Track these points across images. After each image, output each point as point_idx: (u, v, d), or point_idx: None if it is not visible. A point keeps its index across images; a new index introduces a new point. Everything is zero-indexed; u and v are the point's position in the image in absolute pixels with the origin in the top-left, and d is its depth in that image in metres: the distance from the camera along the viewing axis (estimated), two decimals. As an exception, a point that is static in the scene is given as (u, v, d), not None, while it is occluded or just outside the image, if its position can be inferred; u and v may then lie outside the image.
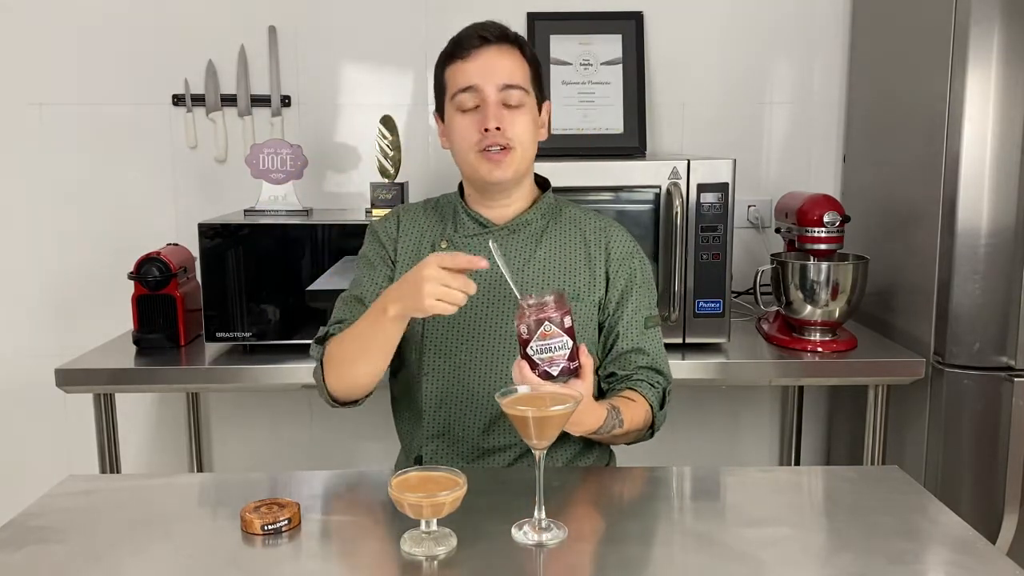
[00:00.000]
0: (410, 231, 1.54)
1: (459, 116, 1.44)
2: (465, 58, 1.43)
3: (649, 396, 1.47)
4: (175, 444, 2.61)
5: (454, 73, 1.44)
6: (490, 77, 1.41)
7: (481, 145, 1.42)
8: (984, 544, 1.15)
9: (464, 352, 1.47)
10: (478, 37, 1.43)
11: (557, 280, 1.49)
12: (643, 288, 1.53)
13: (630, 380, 1.49)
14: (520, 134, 1.43)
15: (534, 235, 1.51)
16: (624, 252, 1.52)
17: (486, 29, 1.44)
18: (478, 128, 1.41)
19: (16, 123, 2.44)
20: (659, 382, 1.50)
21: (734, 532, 1.19)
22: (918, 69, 2.09)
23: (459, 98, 1.43)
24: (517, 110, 1.43)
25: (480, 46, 1.43)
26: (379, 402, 1.51)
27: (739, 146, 2.48)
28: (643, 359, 1.50)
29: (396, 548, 1.13)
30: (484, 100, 1.41)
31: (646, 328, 1.52)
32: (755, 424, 2.67)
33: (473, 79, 1.42)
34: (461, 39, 1.45)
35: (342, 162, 2.49)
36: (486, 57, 1.42)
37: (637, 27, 2.42)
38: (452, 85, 1.44)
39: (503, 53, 1.44)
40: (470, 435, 1.48)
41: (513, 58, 1.45)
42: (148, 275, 2.04)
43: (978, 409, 1.96)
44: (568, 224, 1.54)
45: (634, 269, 1.52)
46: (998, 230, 1.92)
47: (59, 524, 1.22)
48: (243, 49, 2.42)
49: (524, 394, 1.18)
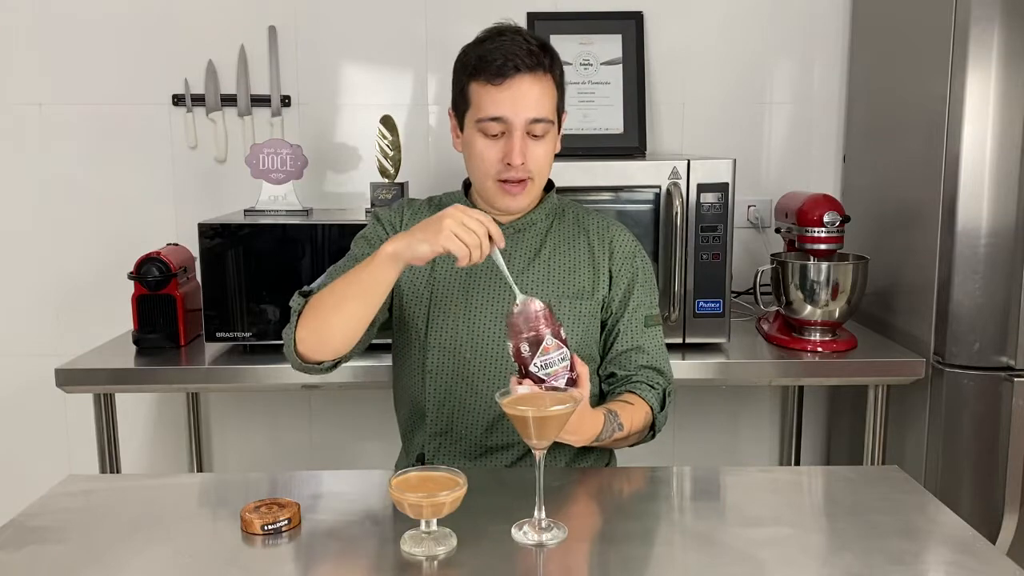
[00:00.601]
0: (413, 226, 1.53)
1: (481, 139, 1.40)
2: (496, 85, 1.37)
3: (648, 398, 1.47)
4: (175, 444, 2.61)
5: (481, 96, 1.39)
6: (520, 110, 1.37)
7: (501, 176, 1.40)
8: (984, 544, 1.15)
9: (468, 350, 1.46)
10: (511, 64, 1.36)
11: (561, 279, 1.49)
12: (645, 287, 1.53)
13: (630, 381, 1.49)
14: (541, 165, 1.42)
15: (539, 235, 1.51)
16: (627, 251, 1.53)
17: (519, 55, 1.36)
18: (500, 158, 1.39)
19: (16, 123, 2.44)
20: (659, 383, 1.50)
21: (734, 532, 1.19)
22: (918, 69, 2.09)
23: (485, 124, 1.39)
24: (540, 139, 1.41)
25: (513, 75, 1.36)
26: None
27: (739, 146, 2.48)
28: (643, 358, 1.50)
29: (396, 548, 1.13)
30: (510, 131, 1.38)
31: (646, 327, 1.52)
32: (755, 424, 2.67)
33: (503, 110, 1.37)
34: (492, 59, 1.37)
35: (342, 162, 2.49)
36: (517, 87, 1.37)
37: (637, 27, 2.42)
38: (478, 108, 1.39)
39: (535, 82, 1.38)
40: (473, 433, 1.48)
41: (544, 87, 1.40)
42: (148, 275, 2.04)
43: (978, 409, 1.96)
44: (572, 224, 1.54)
45: (636, 268, 1.53)
46: (998, 230, 1.92)
47: (59, 524, 1.22)
48: (243, 49, 2.42)
49: (524, 394, 1.18)
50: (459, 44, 1.46)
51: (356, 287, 1.33)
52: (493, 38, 1.39)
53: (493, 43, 1.38)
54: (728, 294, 2.04)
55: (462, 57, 1.43)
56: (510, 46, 1.37)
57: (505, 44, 1.37)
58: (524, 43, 1.37)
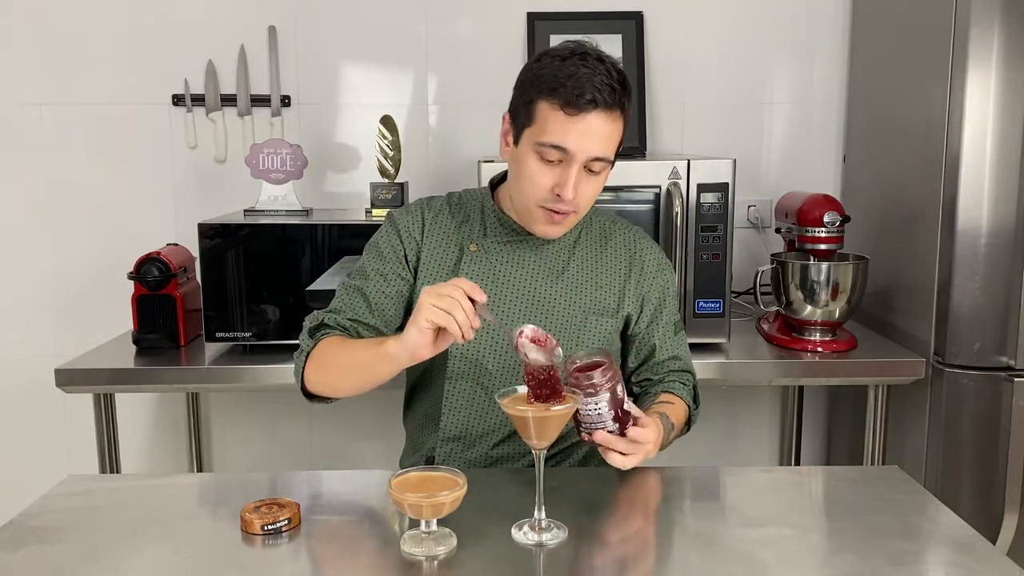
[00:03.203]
0: (435, 233, 1.48)
1: (536, 161, 1.34)
2: (569, 114, 1.29)
3: (683, 395, 1.51)
4: (175, 444, 2.61)
5: (549, 119, 1.31)
6: (586, 147, 1.31)
7: (547, 203, 1.35)
8: (984, 544, 1.15)
9: (493, 361, 1.45)
10: (590, 98, 1.29)
11: (587, 296, 1.48)
12: (673, 298, 1.55)
13: (663, 383, 1.52)
14: (589, 200, 1.38)
15: (565, 248, 1.49)
16: (657, 266, 1.53)
17: (602, 90, 1.29)
18: (552, 187, 1.33)
19: (16, 123, 2.44)
20: (688, 380, 1.54)
21: (734, 532, 1.19)
22: (918, 69, 2.09)
23: (545, 150, 1.32)
24: (596, 176, 1.35)
25: (590, 109, 1.29)
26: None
27: (739, 146, 2.48)
28: (677, 364, 1.54)
29: (396, 548, 1.13)
30: (568, 162, 1.32)
31: (675, 334, 1.54)
32: (755, 424, 2.67)
33: (569, 142, 1.30)
34: (572, 87, 1.29)
35: (342, 162, 2.49)
36: (591, 122, 1.30)
37: (637, 27, 2.42)
38: (542, 131, 1.32)
39: (608, 121, 1.31)
40: (487, 442, 1.48)
41: (614, 127, 1.33)
42: (148, 275, 2.04)
43: (978, 409, 1.96)
44: (598, 237, 1.52)
45: (667, 281, 1.54)
46: (998, 230, 1.92)
47: (59, 524, 1.22)
48: (243, 49, 2.42)
49: (524, 394, 1.18)
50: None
51: (360, 371, 1.35)
52: (575, 60, 1.31)
53: (575, 67, 1.30)
54: (728, 294, 2.04)
55: (537, 69, 1.34)
56: (592, 76, 1.29)
57: (587, 73, 1.29)
58: (606, 75, 1.30)
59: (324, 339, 1.42)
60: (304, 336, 1.45)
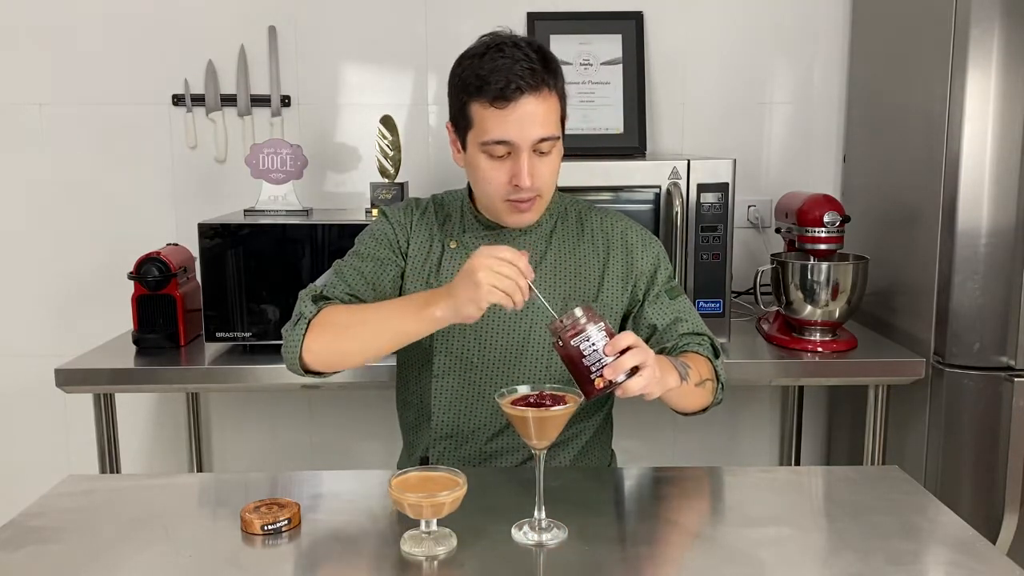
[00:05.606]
0: (420, 231, 1.51)
1: (486, 160, 1.36)
2: (499, 108, 1.31)
3: (701, 350, 1.45)
4: (175, 444, 2.61)
5: (484, 119, 1.33)
6: (526, 133, 1.32)
7: (510, 196, 1.37)
8: (984, 544, 1.15)
9: (477, 355, 1.46)
10: (514, 86, 1.30)
11: (567, 282, 1.48)
12: (664, 268, 1.52)
13: (676, 348, 1.46)
14: (548, 181, 1.39)
15: (543, 236, 1.50)
16: (642, 243, 1.52)
17: (522, 76, 1.30)
18: (508, 180, 1.35)
19: (16, 123, 2.44)
20: (703, 341, 1.48)
21: (734, 532, 1.20)
22: (918, 69, 2.09)
23: (490, 147, 1.34)
24: (547, 155, 1.36)
25: (516, 98, 1.30)
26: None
27: (739, 146, 2.48)
28: (684, 326, 1.48)
29: (396, 548, 1.13)
30: (516, 152, 1.33)
31: (671, 299, 1.50)
32: (755, 424, 2.67)
33: (509, 134, 1.32)
34: (493, 81, 1.30)
35: (342, 162, 2.49)
36: (523, 109, 1.31)
37: (637, 27, 2.42)
38: (482, 131, 1.34)
39: (540, 102, 1.32)
40: (479, 437, 1.48)
41: (549, 105, 1.34)
42: (148, 275, 2.04)
43: (978, 409, 1.96)
44: (575, 225, 1.53)
45: (656, 254, 1.52)
46: (998, 230, 1.91)
47: (59, 524, 1.22)
48: (243, 49, 2.42)
49: (524, 394, 1.18)
50: (459, 43, 1.44)
51: (388, 331, 1.32)
52: (491, 54, 1.32)
53: (493, 61, 1.31)
54: (728, 294, 2.04)
55: (459, 72, 1.36)
56: (511, 65, 1.30)
57: (506, 63, 1.30)
58: (525, 59, 1.31)
59: (329, 306, 1.40)
60: (306, 303, 1.40)
